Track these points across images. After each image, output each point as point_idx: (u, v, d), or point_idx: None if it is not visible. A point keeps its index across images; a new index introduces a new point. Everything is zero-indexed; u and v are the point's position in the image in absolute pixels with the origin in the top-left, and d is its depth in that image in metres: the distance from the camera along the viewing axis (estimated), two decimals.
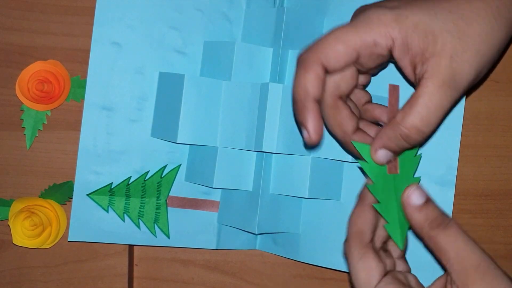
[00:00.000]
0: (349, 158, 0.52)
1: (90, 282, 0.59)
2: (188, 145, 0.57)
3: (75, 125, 0.57)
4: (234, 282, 0.60)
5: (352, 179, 0.55)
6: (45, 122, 0.57)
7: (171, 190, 0.57)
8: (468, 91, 0.44)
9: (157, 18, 0.55)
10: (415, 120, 0.41)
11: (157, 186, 0.56)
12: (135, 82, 0.55)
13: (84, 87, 0.57)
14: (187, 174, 0.57)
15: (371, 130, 0.47)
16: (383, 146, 0.43)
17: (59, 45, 0.57)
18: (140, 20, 0.55)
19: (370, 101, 0.49)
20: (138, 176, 0.56)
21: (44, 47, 0.57)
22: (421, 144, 0.45)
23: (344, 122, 0.45)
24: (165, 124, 0.55)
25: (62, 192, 0.57)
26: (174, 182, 0.57)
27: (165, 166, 0.56)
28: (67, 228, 0.57)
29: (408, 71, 0.43)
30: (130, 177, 0.55)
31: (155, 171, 0.56)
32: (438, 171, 0.54)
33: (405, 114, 0.41)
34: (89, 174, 0.55)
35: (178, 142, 0.53)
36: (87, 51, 0.57)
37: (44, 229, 0.56)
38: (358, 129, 0.46)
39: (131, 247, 0.59)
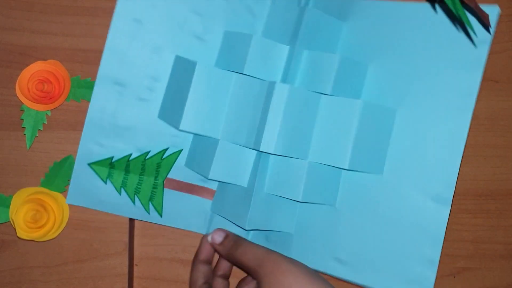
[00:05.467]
0: (347, 165, 0.52)
1: (90, 282, 0.59)
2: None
3: (75, 125, 0.57)
4: (234, 282, 0.60)
5: (349, 186, 0.55)
6: (45, 122, 0.57)
7: (170, 172, 0.57)
8: None
9: (181, 0, 0.55)
10: None
11: (157, 166, 0.57)
12: (151, 61, 0.55)
13: (84, 87, 0.57)
14: (187, 160, 0.57)
15: None
16: None
17: (59, 45, 0.57)
18: (165, 0, 0.55)
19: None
20: (139, 154, 0.56)
21: (44, 47, 0.57)
22: None
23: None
24: (171, 109, 0.55)
25: (63, 173, 0.57)
26: (174, 165, 0.57)
27: (166, 149, 0.57)
28: (70, 218, 0.58)
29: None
30: (131, 154, 0.56)
31: (156, 152, 0.56)
32: (436, 188, 0.52)
33: None
34: (93, 145, 0.55)
35: (180, 129, 0.53)
36: (87, 51, 0.57)
37: (47, 219, 0.56)
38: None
39: (131, 247, 0.59)
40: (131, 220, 0.59)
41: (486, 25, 0.49)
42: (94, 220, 0.58)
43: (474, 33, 0.50)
